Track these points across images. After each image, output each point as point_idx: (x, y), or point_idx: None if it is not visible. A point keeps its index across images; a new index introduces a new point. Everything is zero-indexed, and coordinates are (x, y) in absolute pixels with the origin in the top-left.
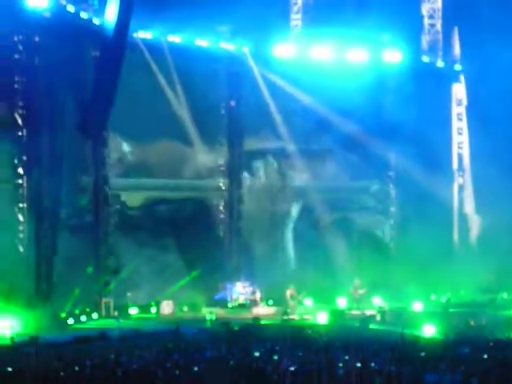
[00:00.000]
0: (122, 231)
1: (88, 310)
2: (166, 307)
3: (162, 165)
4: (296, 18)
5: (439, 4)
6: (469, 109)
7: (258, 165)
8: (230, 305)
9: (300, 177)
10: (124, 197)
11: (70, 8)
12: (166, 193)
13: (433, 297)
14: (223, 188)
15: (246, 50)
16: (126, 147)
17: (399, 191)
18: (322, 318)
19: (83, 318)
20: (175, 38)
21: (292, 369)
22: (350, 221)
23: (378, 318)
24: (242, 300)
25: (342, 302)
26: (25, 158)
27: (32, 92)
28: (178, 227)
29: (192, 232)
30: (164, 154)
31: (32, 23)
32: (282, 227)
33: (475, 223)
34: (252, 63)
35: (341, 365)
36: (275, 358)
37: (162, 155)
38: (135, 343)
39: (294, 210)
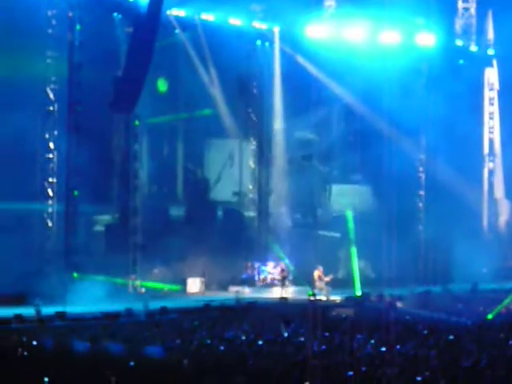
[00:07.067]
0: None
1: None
2: (193, 285)
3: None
4: None
5: None
6: (501, 93)
7: None
8: (257, 284)
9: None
10: None
11: None
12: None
13: (460, 281)
14: (252, 166)
15: (276, 29)
16: None
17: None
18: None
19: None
20: (208, 16)
21: (319, 350)
22: None
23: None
24: (269, 279)
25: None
26: (56, 132)
27: (64, 67)
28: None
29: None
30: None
31: None
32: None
33: (505, 208)
34: (283, 43)
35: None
36: (301, 339)
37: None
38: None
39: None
